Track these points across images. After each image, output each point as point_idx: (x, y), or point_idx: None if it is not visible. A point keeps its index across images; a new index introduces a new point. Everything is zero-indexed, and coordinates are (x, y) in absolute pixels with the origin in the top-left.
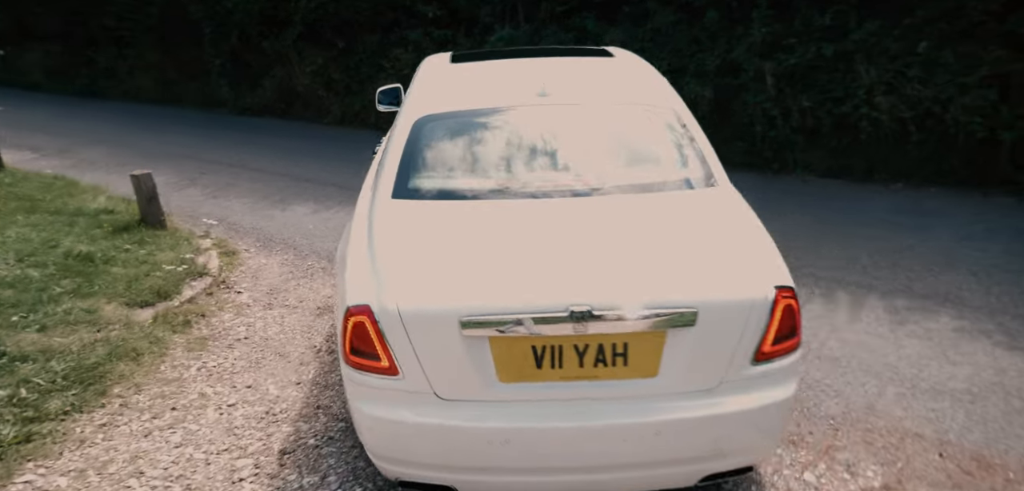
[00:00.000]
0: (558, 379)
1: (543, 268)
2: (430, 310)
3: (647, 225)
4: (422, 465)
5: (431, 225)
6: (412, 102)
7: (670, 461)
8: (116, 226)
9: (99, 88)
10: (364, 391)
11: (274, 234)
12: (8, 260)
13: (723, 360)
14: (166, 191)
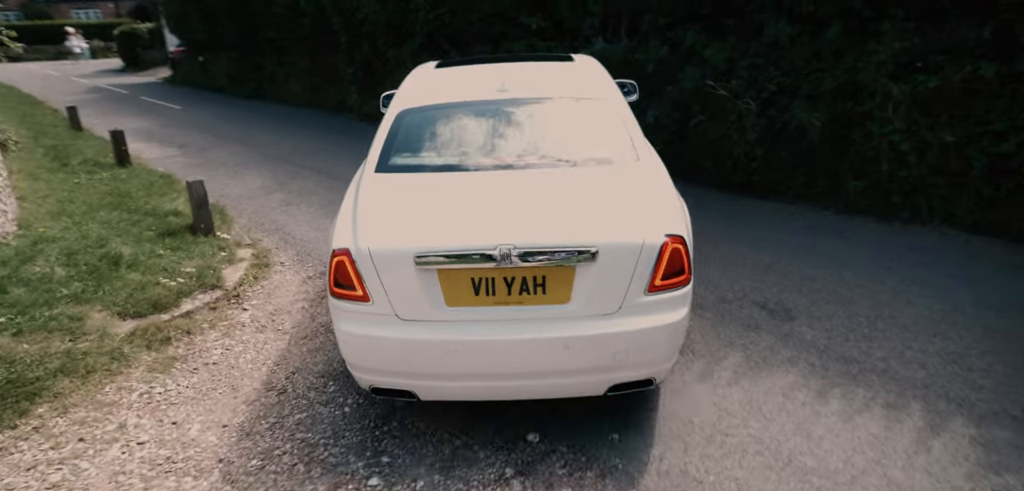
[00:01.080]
0: (491, 304)
1: (482, 220)
2: (392, 250)
3: (571, 191)
4: (388, 372)
5: (402, 191)
6: (398, 99)
7: (580, 370)
8: (169, 230)
9: (263, 91)
10: (344, 315)
11: (314, 249)
12: (49, 257)
13: (620, 290)
14: (253, 194)
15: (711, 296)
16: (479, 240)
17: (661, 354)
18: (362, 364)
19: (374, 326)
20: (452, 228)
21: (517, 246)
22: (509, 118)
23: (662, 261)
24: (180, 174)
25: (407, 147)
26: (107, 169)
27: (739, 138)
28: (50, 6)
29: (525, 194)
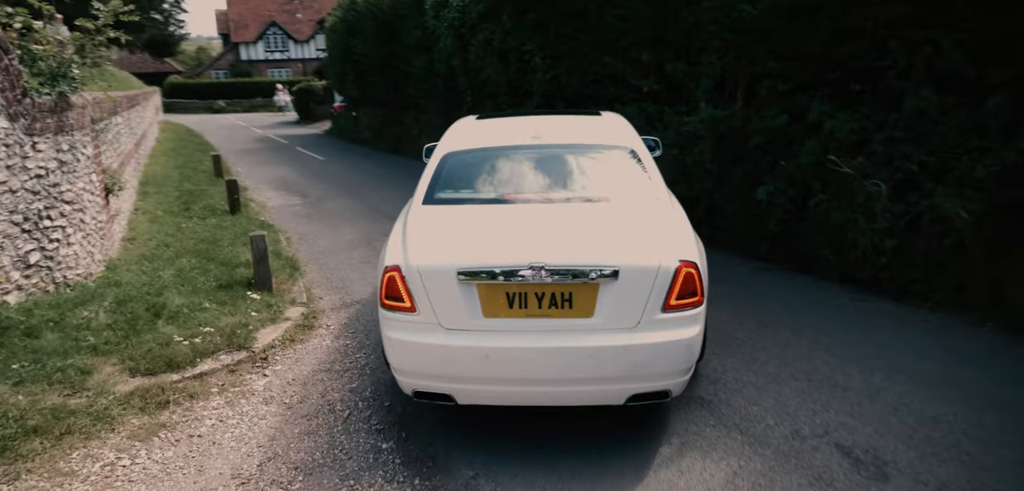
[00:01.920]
0: (524, 316)
1: (517, 243)
2: (438, 266)
3: (596, 221)
4: (430, 377)
5: (445, 220)
6: (442, 144)
7: (602, 378)
8: (231, 281)
9: (401, 146)
10: (392, 324)
11: (366, 313)
12: (103, 302)
13: (639, 307)
14: (339, 248)
15: (780, 427)
16: (514, 259)
17: (676, 367)
18: (407, 368)
19: (419, 334)
20: (490, 249)
21: (547, 264)
22: (541, 161)
23: (676, 283)
24: (287, 224)
25: (450, 184)
26: (219, 215)
27: (867, 225)
28: (251, 66)
29: (555, 223)
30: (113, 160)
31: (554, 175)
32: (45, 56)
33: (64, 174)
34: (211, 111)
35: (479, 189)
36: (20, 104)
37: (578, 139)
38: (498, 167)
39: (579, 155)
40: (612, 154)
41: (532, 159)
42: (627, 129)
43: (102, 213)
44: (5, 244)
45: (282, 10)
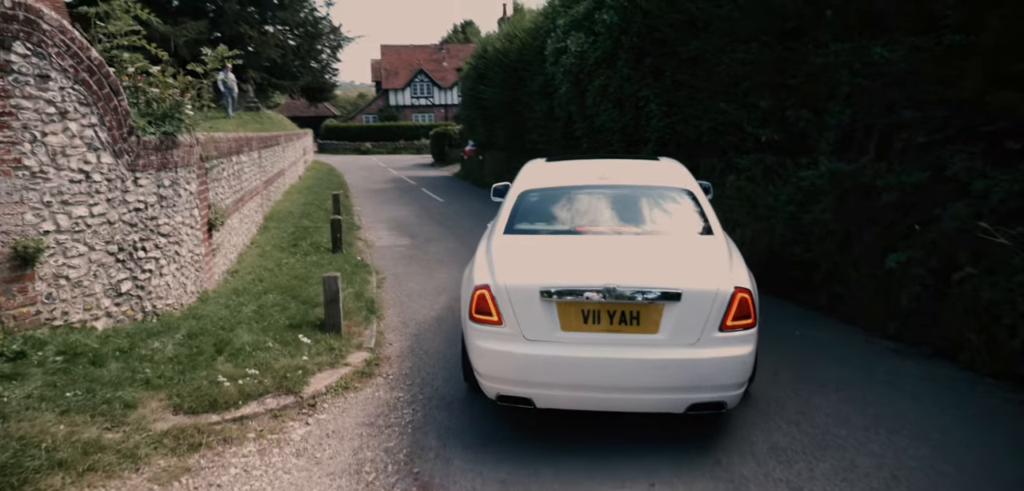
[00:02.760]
0: (596, 331)
1: (591, 266)
2: (522, 285)
3: (661, 250)
4: (513, 382)
5: (526, 247)
6: (518, 183)
7: (665, 387)
8: (304, 321)
9: None
10: (481, 335)
11: (428, 365)
12: (175, 335)
13: (699, 326)
14: (426, 293)
15: None
16: (589, 280)
17: (731, 381)
18: (492, 374)
19: (504, 343)
20: (568, 271)
21: (618, 286)
22: (608, 198)
23: (732, 306)
24: (385, 264)
25: (527, 217)
26: (322, 253)
27: None
28: (398, 111)
29: (623, 251)
30: (227, 196)
31: (620, 211)
32: (157, 98)
33: (163, 208)
34: (359, 152)
35: (554, 222)
36: (125, 142)
37: (640, 180)
38: (570, 203)
39: (642, 194)
40: (671, 194)
41: (600, 197)
42: (684, 173)
43: (201, 246)
44: (99, 272)
45: (430, 59)
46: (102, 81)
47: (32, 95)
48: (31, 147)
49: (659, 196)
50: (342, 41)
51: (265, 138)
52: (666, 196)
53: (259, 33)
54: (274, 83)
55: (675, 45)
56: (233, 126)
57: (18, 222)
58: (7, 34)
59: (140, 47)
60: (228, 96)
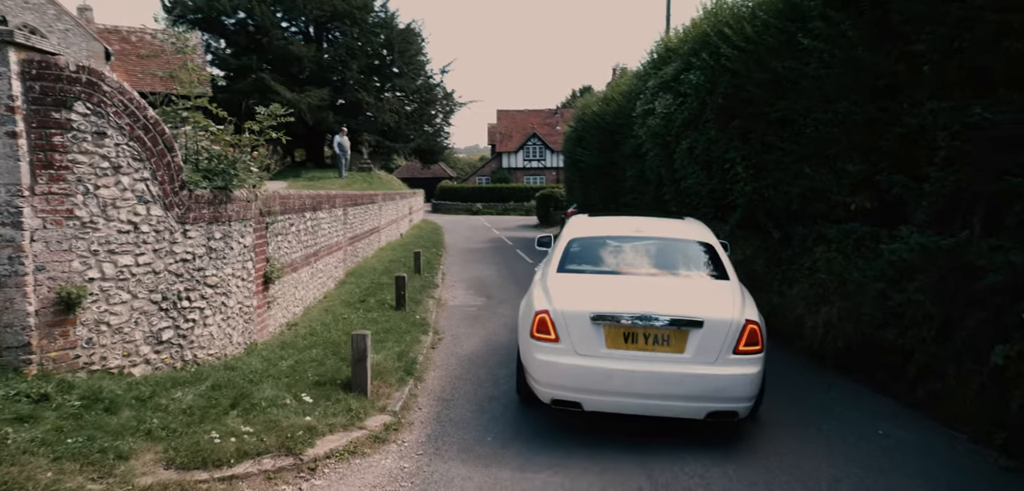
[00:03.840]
0: (634, 349)
1: (631, 299)
2: (576, 311)
3: (686, 289)
4: (565, 389)
5: (576, 282)
6: (566, 233)
7: (689, 396)
8: (333, 379)
9: None
10: (540, 350)
11: (453, 434)
12: (200, 387)
13: (717, 349)
14: (477, 355)
15: None
16: (630, 308)
17: (743, 394)
18: (549, 382)
19: (560, 357)
20: (613, 301)
21: (654, 314)
22: (643, 246)
23: (744, 334)
24: (448, 324)
25: (576, 260)
26: (385, 310)
27: None
28: (510, 173)
29: (656, 288)
30: (295, 250)
31: (652, 256)
32: (216, 155)
33: (211, 259)
34: (470, 213)
35: (598, 263)
36: (176, 195)
37: (668, 234)
38: (611, 249)
39: (670, 244)
40: (693, 245)
41: (635, 245)
42: (705, 229)
43: (252, 298)
44: (140, 320)
45: (544, 123)
46: (156, 138)
47: (88, 151)
48: (83, 199)
49: (684, 247)
50: (454, 106)
51: (353, 196)
52: (690, 247)
53: (376, 99)
54: (387, 146)
55: (762, 105)
56: (341, 185)
57: (65, 269)
58: (69, 95)
59: (202, 107)
60: (342, 158)
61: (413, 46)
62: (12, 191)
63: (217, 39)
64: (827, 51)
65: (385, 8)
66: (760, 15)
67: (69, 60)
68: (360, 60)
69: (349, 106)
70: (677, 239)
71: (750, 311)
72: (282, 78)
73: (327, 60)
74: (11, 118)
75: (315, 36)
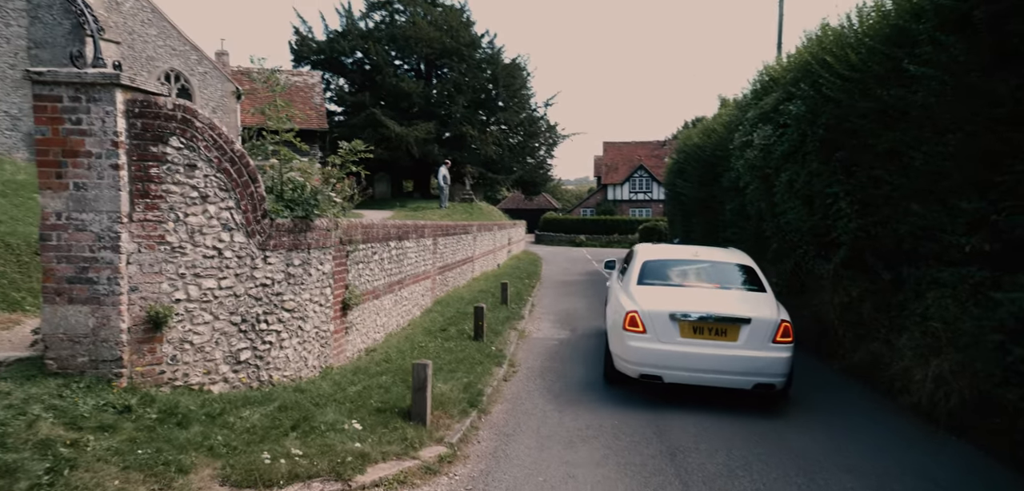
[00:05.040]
0: (700, 338)
1: (696, 302)
2: (658, 311)
3: (735, 297)
4: (650, 366)
5: (653, 291)
6: (638, 256)
7: (741, 372)
8: (395, 406)
9: None
10: (631, 338)
11: (506, 473)
12: (269, 408)
13: (761, 339)
14: (551, 391)
15: None
16: (697, 309)
17: (779, 372)
18: (638, 362)
19: (646, 343)
20: (685, 304)
21: (714, 313)
22: (700, 267)
23: (780, 329)
24: (525, 356)
25: (650, 275)
26: (464, 340)
27: None
28: (615, 205)
29: (715, 296)
30: (378, 278)
31: (707, 274)
32: (296, 184)
33: (289, 285)
34: (573, 244)
35: (667, 279)
36: (259, 223)
37: (718, 258)
38: (675, 268)
39: (721, 266)
40: (738, 266)
41: (694, 266)
42: (745, 256)
43: (329, 324)
44: (220, 340)
45: (651, 155)
46: (241, 170)
47: (180, 181)
48: (173, 225)
49: (730, 268)
50: (558, 138)
51: (445, 226)
52: (734, 268)
53: (480, 132)
54: (490, 177)
55: (867, 136)
56: (441, 215)
57: (155, 290)
58: (166, 130)
59: (288, 142)
60: (443, 189)
61: (517, 80)
62: (113, 218)
63: (337, 78)
64: (937, 78)
65: (491, 44)
66: (866, 41)
67: (167, 99)
68: (466, 95)
69: (454, 139)
70: (725, 262)
71: (783, 314)
72: (392, 113)
73: (435, 95)
74: (115, 152)
75: (425, 73)
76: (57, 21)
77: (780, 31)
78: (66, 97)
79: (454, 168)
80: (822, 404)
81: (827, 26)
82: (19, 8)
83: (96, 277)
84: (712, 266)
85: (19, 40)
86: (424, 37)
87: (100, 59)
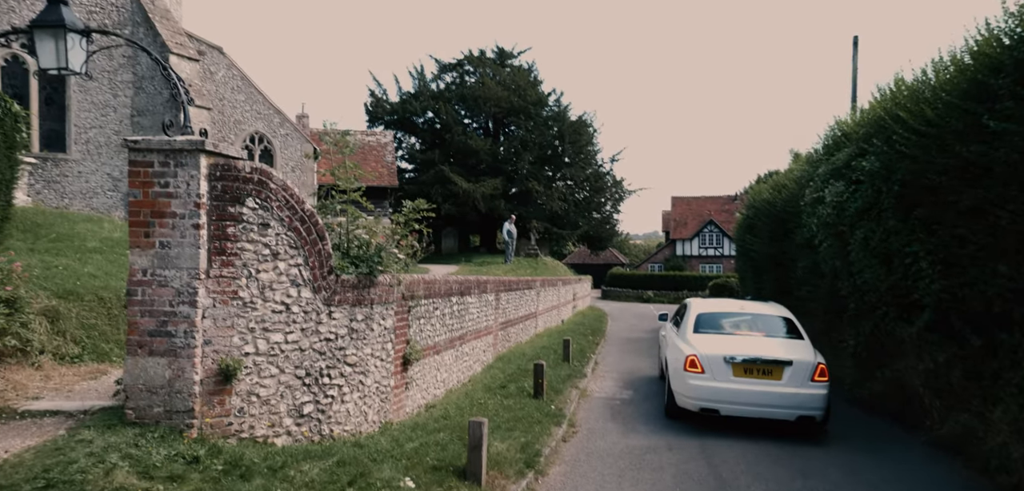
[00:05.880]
0: (750, 377)
1: (746, 348)
2: (714, 354)
3: (778, 343)
4: (707, 401)
5: (708, 338)
6: (693, 307)
7: (785, 406)
8: (448, 464)
9: None
10: (691, 377)
11: None
12: (328, 462)
13: (801, 378)
14: (614, 453)
15: None
16: (746, 352)
17: (818, 406)
18: (698, 397)
19: (705, 381)
20: (736, 348)
21: (761, 356)
22: (747, 318)
23: (817, 370)
24: (587, 416)
25: (704, 325)
26: (524, 397)
27: None
28: (685, 261)
29: (762, 342)
30: (439, 333)
31: (754, 324)
32: (361, 241)
33: (352, 340)
34: (640, 300)
35: (718, 328)
36: (325, 279)
37: (760, 311)
38: (728, 318)
39: (764, 317)
40: (778, 318)
41: (742, 317)
42: (784, 309)
43: (390, 379)
44: (285, 393)
45: (722, 210)
46: (310, 228)
47: (253, 239)
48: (246, 281)
49: (773, 318)
50: (624, 194)
51: (508, 282)
52: (777, 319)
53: (546, 188)
54: (556, 232)
55: (948, 193)
56: (505, 270)
57: (226, 343)
58: (243, 192)
59: (355, 201)
60: (509, 244)
61: (583, 136)
62: (192, 274)
63: (408, 136)
64: (1020, 133)
65: (558, 102)
66: (943, 96)
67: (245, 163)
68: (532, 151)
69: (520, 194)
70: (767, 314)
71: (819, 357)
72: (460, 169)
73: (502, 152)
74: (197, 213)
75: (492, 131)
76: (158, 91)
77: (854, 84)
78: (157, 162)
79: (520, 223)
80: (907, 478)
81: (901, 81)
82: (127, 80)
83: (174, 330)
84: (756, 317)
85: (124, 109)
86: (492, 97)
87: (188, 126)
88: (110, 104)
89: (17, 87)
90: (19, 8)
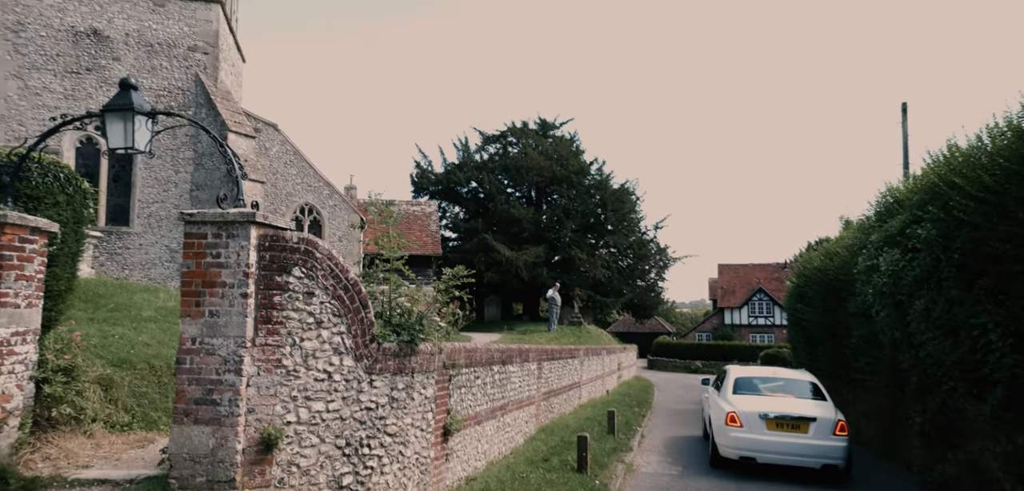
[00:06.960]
0: (781, 430)
1: (777, 406)
2: (749, 411)
3: (805, 403)
4: (745, 450)
5: (745, 398)
6: (731, 372)
7: (812, 456)
8: None
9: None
10: (731, 430)
11: None
12: None
13: (825, 432)
14: None
15: None
16: (779, 410)
17: (840, 456)
18: (737, 447)
19: (743, 434)
20: (769, 406)
21: (790, 413)
22: (779, 382)
23: (838, 425)
24: None
25: (741, 388)
26: (566, 472)
27: None
28: (733, 330)
29: (791, 402)
30: (480, 403)
31: (784, 387)
32: (403, 309)
33: (393, 409)
34: (688, 371)
35: (754, 391)
36: (367, 348)
37: (790, 377)
38: (762, 382)
39: (792, 381)
40: (806, 382)
41: (774, 382)
42: (810, 375)
43: (430, 449)
44: (325, 464)
45: (771, 278)
46: (354, 297)
47: (299, 308)
48: (290, 350)
49: (800, 382)
50: (668, 261)
51: (550, 351)
52: (804, 383)
53: (589, 256)
54: (599, 300)
55: (1014, 262)
56: (549, 339)
57: (269, 412)
58: (290, 261)
59: (398, 269)
60: (552, 311)
61: (626, 204)
62: (238, 343)
63: (452, 206)
64: None
65: (600, 171)
66: (1000, 161)
67: (293, 233)
68: (575, 219)
69: (563, 262)
70: (796, 379)
71: (840, 415)
72: (503, 237)
73: (544, 220)
74: (245, 282)
75: (535, 199)
76: (216, 166)
77: (905, 149)
78: (210, 234)
79: (563, 290)
80: None
81: (955, 147)
82: (188, 157)
83: (219, 398)
84: (786, 382)
85: (185, 184)
86: (535, 166)
87: (241, 199)
88: (172, 180)
89: (89, 166)
90: (96, 94)
